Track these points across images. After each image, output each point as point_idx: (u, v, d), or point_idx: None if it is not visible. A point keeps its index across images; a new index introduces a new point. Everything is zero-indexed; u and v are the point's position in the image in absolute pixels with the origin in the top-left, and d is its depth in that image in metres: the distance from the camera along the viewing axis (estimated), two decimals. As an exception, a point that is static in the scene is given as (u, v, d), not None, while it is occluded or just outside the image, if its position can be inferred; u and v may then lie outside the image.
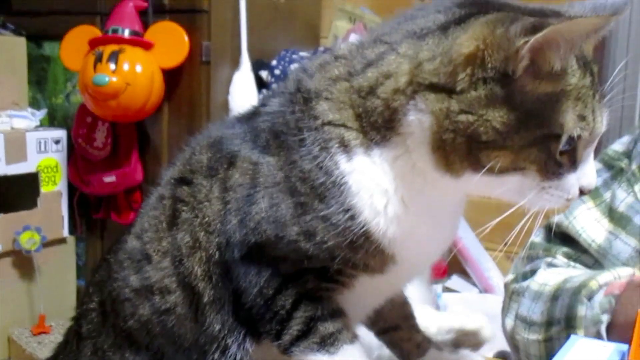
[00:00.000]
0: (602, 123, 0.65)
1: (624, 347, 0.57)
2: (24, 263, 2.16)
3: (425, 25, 0.65)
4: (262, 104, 0.77)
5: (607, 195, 1.03)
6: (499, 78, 0.60)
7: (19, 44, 2.26)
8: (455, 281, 2.34)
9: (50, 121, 2.38)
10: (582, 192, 0.65)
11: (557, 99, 0.61)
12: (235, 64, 2.11)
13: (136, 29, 2.01)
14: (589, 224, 1.02)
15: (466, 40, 0.61)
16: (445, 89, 0.62)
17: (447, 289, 2.25)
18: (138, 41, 1.98)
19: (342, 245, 0.68)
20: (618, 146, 1.07)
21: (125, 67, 1.93)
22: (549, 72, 0.61)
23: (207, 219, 0.75)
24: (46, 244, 2.16)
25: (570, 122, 0.61)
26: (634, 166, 1.02)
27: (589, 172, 0.66)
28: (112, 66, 1.93)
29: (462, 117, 0.61)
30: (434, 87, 0.62)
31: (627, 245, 0.99)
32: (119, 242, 0.84)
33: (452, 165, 0.63)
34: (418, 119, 0.63)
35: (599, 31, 0.61)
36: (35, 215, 2.16)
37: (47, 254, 2.19)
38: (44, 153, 2.20)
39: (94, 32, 2.07)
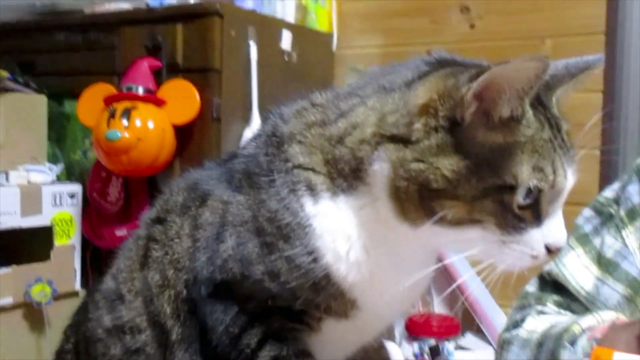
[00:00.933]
0: (565, 177, 0.64)
1: None
2: (34, 315, 2.18)
3: (394, 80, 0.68)
4: (242, 147, 0.80)
5: (596, 242, 1.03)
6: (449, 127, 0.62)
7: (40, 101, 2.34)
8: (469, 339, 2.30)
9: (68, 177, 2.44)
10: (549, 251, 0.64)
11: (510, 150, 0.62)
12: (246, 120, 2.16)
13: (150, 87, 2.07)
14: (578, 270, 1.02)
15: (422, 92, 0.64)
16: (403, 139, 0.64)
17: (460, 347, 2.22)
18: (151, 98, 2.04)
19: (305, 287, 0.69)
20: (609, 192, 1.07)
21: (137, 123, 1.99)
22: (499, 121, 0.62)
23: (176, 255, 0.76)
24: (57, 297, 2.18)
25: (524, 173, 0.61)
26: (622, 212, 1.02)
27: (555, 228, 0.64)
28: (125, 122, 1.98)
29: (414, 165, 0.62)
30: (394, 138, 0.64)
31: (614, 292, 0.99)
32: (97, 283, 0.86)
33: (408, 213, 0.64)
34: (380, 168, 0.65)
35: (540, 76, 0.61)
36: (47, 268, 2.19)
37: (58, 307, 2.21)
38: (59, 207, 2.24)
39: (109, 90, 2.13)
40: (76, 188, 2.28)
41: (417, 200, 0.63)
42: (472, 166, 0.61)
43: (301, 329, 0.73)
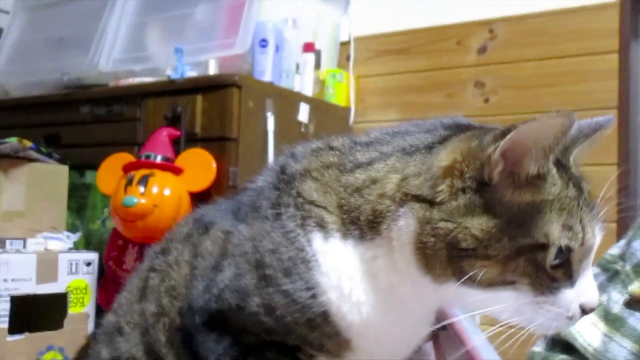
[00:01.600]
0: (593, 235, 0.64)
1: None
2: (45, 384, 2.16)
3: (414, 143, 0.69)
4: (251, 181, 0.81)
5: (603, 299, 1.02)
6: (477, 187, 0.62)
7: (62, 172, 2.39)
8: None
9: (86, 246, 2.46)
10: (583, 311, 0.63)
11: (538, 209, 0.62)
12: (262, 189, 2.17)
13: (168, 155, 2.11)
14: (585, 328, 1.00)
15: (445, 155, 0.64)
16: (428, 200, 0.64)
17: None
18: (168, 166, 2.07)
19: (300, 322, 0.68)
20: (615, 250, 1.06)
21: (154, 190, 2.02)
22: (526, 179, 0.62)
23: (173, 282, 0.77)
24: (69, 365, 2.16)
25: (555, 231, 0.61)
26: (627, 267, 1.01)
27: (587, 288, 0.64)
28: (142, 189, 2.02)
29: (442, 224, 0.62)
30: (419, 198, 0.65)
31: (622, 348, 0.96)
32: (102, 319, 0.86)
33: (433, 269, 0.64)
34: (406, 224, 0.65)
35: (566, 132, 0.62)
36: (60, 336, 2.18)
37: (69, 376, 2.19)
38: (74, 274, 2.26)
39: (129, 159, 2.18)
40: (92, 256, 2.29)
41: (445, 258, 0.62)
42: (502, 225, 0.60)
43: None
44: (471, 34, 2.46)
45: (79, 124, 2.54)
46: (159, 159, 2.10)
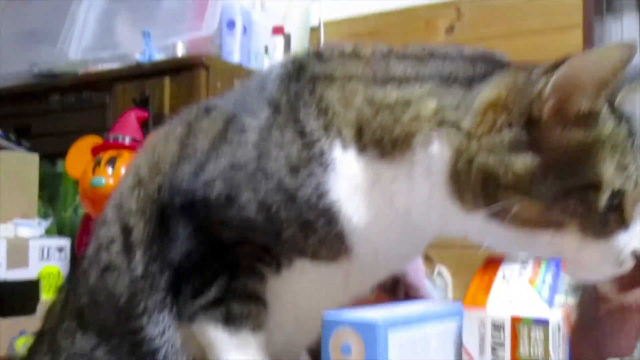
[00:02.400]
0: None
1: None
2: (17, 369, 2.14)
3: (454, 72, 0.65)
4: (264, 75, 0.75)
5: None
6: (524, 123, 0.59)
7: (32, 160, 2.39)
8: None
9: (59, 233, 2.45)
10: (637, 257, 0.60)
11: (590, 148, 0.58)
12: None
13: (136, 137, 2.11)
14: None
15: (489, 90, 0.61)
16: (467, 131, 0.61)
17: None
18: (136, 147, 2.07)
19: (294, 222, 0.66)
20: None
21: (122, 170, 2.01)
22: (577, 117, 0.59)
23: (156, 157, 0.74)
24: (41, 350, 2.14)
25: (608, 171, 0.58)
26: None
27: None
28: (110, 170, 2.01)
29: (482, 157, 0.59)
30: (457, 128, 0.62)
31: None
32: None
33: (463, 197, 0.61)
34: (440, 151, 0.62)
35: (624, 65, 0.58)
36: (33, 321, 2.16)
37: (42, 362, 2.17)
38: (46, 260, 2.25)
39: (97, 141, 2.17)
40: (64, 242, 2.29)
41: (480, 188, 0.59)
42: (548, 164, 0.57)
43: (266, 273, 0.70)
44: (439, 15, 2.48)
45: (49, 114, 2.53)
46: (127, 141, 2.09)
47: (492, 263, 0.54)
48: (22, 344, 2.10)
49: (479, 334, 0.50)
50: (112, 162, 2.02)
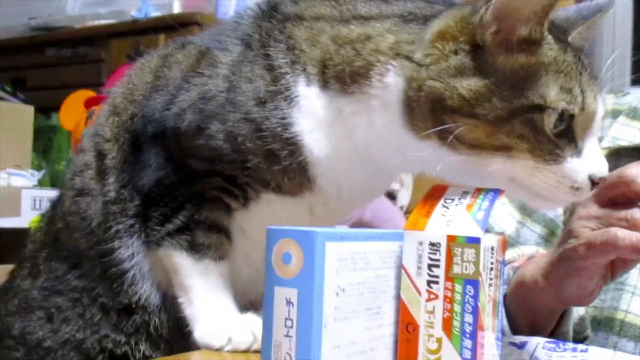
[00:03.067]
0: (595, 101, 0.62)
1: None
2: (6, 315, 2.19)
3: (413, 11, 0.69)
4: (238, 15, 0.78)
5: None
6: (469, 50, 0.62)
7: (27, 112, 2.41)
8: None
9: (52, 185, 2.48)
10: (593, 183, 0.60)
11: (533, 71, 0.61)
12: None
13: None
14: (501, 217, 1.04)
15: (438, 22, 0.64)
16: (418, 63, 0.64)
17: None
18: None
19: (260, 153, 0.69)
20: None
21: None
22: (518, 42, 0.61)
23: (131, 86, 0.77)
24: (30, 298, 2.19)
25: (552, 93, 0.59)
26: None
27: (595, 157, 0.61)
28: (83, 134, 2.04)
29: (430, 83, 0.62)
30: (409, 59, 0.65)
31: (533, 232, 1.00)
32: None
33: (416, 122, 0.63)
34: (394, 82, 0.65)
35: None
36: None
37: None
38: (38, 210, 2.28)
39: (91, 95, 2.20)
40: (57, 194, 2.31)
41: (429, 113, 0.62)
42: (492, 86, 0.60)
43: (231, 205, 0.73)
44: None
45: (45, 67, 2.55)
46: (120, 95, 2.12)
47: (436, 192, 0.57)
48: (11, 291, 2.14)
49: (417, 254, 0.53)
50: (104, 115, 2.05)
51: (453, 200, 0.56)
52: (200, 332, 0.71)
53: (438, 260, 0.52)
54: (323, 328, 0.48)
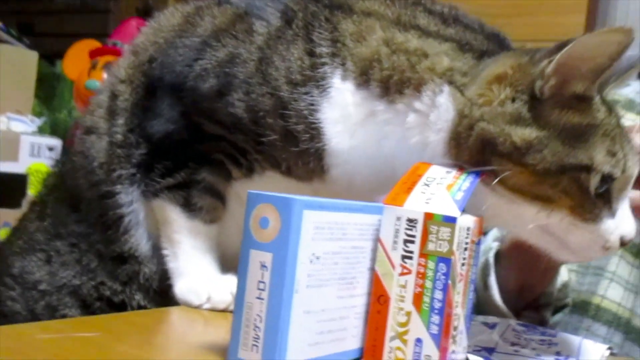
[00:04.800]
0: (634, 165, 0.63)
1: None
2: None
3: (471, 41, 0.68)
4: None
5: None
6: (526, 99, 0.62)
7: (31, 57, 2.41)
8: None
9: (52, 134, 2.49)
10: (622, 243, 0.62)
11: (584, 131, 0.61)
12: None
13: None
14: None
15: (496, 66, 0.64)
16: (470, 99, 0.63)
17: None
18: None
19: (279, 131, 0.68)
20: None
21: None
22: (571, 99, 0.62)
23: (156, 25, 0.76)
24: (23, 243, 2.21)
25: (599, 155, 0.60)
26: None
27: (627, 219, 0.63)
28: (105, 75, 2.04)
29: (483, 125, 0.62)
30: (461, 92, 0.64)
31: None
32: None
33: (458, 155, 0.63)
34: (445, 107, 0.64)
35: (621, 52, 0.60)
36: (17, 215, 2.22)
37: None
38: (36, 157, 2.29)
39: (96, 45, 2.20)
40: (55, 142, 2.32)
41: (476, 149, 0.61)
42: (545, 140, 0.60)
43: (233, 173, 0.73)
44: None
45: (52, 14, 2.55)
46: (126, 48, 2.11)
47: (419, 169, 0.58)
48: (4, 236, 2.16)
49: (394, 229, 0.54)
50: (108, 67, 2.05)
51: (435, 179, 0.57)
52: (180, 287, 0.73)
53: (414, 236, 0.53)
54: (295, 293, 0.49)
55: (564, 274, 0.87)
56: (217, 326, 0.66)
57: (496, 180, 0.60)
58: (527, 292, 0.83)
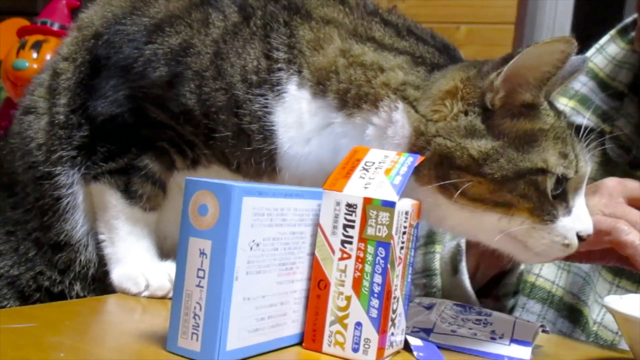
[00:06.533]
0: (586, 163, 0.65)
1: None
2: None
3: (421, 53, 0.68)
4: None
5: None
6: (479, 112, 0.63)
7: (-44, 36, 2.31)
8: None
9: (-22, 116, 2.41)
10: (580, 239, 0.64)
11: (536, 136, 0.63)
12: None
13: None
14: None
15: (445, 81, 0.64)
16: (424, 115, 0.64)
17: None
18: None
19: (233, 129, 0.67)
20: None
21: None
22: (520, 107, 0.63)
23: (104, 1, 0.73)
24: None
25: (552, 157, 0.62)
26: None
27: (583, 216, 0.65)
28: (34, 54, 1.98)
29: (439, 140, 0.63)
30: (414, 107, 0.65)
31: None
32: None
33: (419, 172, 0.63)
34: (401, 124, 0.64)
35: (565, 60, 0.62)
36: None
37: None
38: (-39, 140, 2.21)
39: (24, 24, 2.12)
40: None
41: (434, 164, 0.62)
42: (500, 149, 0.61)
43: (176, 164, 0.71)
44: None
45: (-23, -10, 2.44)
46: (55, 27, 2.05)
47: (357, 153, 0.58)
48: None
49: (334, 214, 0.54)
50: (37, 46, 1.98)
51: (373, 163, 0.57)
52: (118, 274, 0.71)
53: (353, 221, 0.54)
54: (234, 280, 0.49)
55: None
56: (155, 314, 0.65)
57: (457, 193, 0.61)
58: (481, 277, 0.85)
